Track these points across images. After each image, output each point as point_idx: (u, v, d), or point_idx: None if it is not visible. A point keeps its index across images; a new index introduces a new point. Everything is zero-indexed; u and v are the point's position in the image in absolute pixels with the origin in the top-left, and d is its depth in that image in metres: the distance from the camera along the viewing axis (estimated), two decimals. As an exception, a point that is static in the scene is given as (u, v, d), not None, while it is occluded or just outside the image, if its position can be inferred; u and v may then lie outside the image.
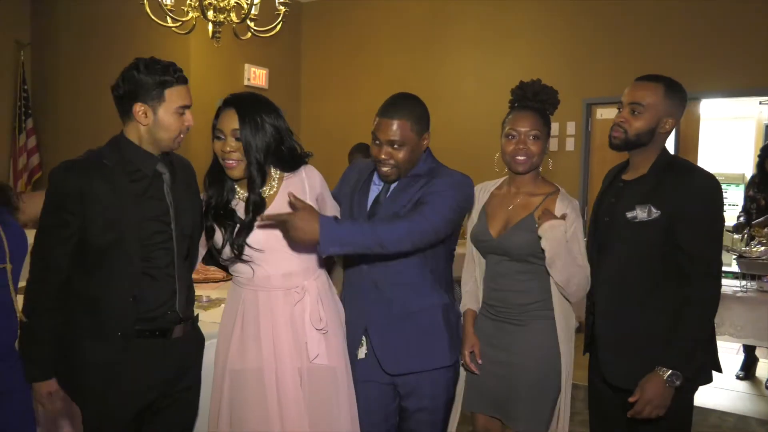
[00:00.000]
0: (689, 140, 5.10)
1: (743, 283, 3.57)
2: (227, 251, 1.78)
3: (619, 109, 1.94)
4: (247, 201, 1.76)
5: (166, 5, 4.11)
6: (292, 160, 1.82)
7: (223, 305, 2.29)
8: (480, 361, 2.00)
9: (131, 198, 1.65)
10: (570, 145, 5.34)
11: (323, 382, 1.80)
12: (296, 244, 1.71)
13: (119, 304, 1.63)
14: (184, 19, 4.15)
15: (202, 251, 1.91)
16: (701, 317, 1.79)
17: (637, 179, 1.92)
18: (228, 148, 1.73)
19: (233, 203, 1.80)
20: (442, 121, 5.93)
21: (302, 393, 1.75)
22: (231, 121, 1.73)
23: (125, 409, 1.68)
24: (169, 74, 1.68)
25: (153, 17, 4.13)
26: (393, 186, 1.93)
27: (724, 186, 4.89)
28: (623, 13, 5.09)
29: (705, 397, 3.97)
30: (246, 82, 6.01)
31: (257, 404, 1.74)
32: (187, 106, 1.71)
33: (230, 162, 1.74)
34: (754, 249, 3.64)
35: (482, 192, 2.13)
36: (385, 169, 1.86)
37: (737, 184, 7.48)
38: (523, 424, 1.93)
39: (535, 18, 5.50)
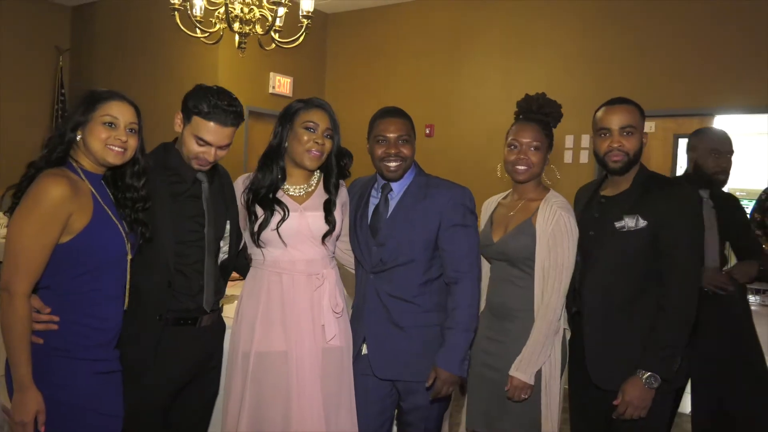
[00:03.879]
0: (703, 155, 5.12)
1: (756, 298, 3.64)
2: (266, 234, 1.96)
3: (602, 135, 2.03)
4: (328, 183, 2.06)
5: (195, 17, 4.33)
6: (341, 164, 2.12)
7: (236, 302, 2.46)
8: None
9: (169, 197, 1.86)
10: (584, 157, 5.42)
11: (334, 362, 1.99)
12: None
13: (157, 290, 1.82)
14: (211, 30, 4.36)
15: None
16: (678, 322, 1.89)
17: (621, 194, 2.03)
18: (320, 141, 1.99)
19: (278, 194, 2.01)
20: (463, 129, 6.10)
21: (317, 372, 1.94)
22: (325, 121, 2.01)
23: (163, 387, 1.86)
24: (208, 106, 1.83)
25: (183, 28, 4.35)
26: (392, 200, 2.06)
27: (745, 202, 4.89)
28: (643, 29, 5.16)
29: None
30: (271, 90, 6.22)
31: (281, 384, 1.92)
32: (205, 141, 1.85)
33: (317, 154, 1.99)
34: None
35: (490, 204, 2.26)
36: (394, 164, 2.01)
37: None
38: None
39: (557, 30, 5.59)
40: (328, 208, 2.02)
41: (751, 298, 3.72)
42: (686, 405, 4.06)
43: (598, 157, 2.05)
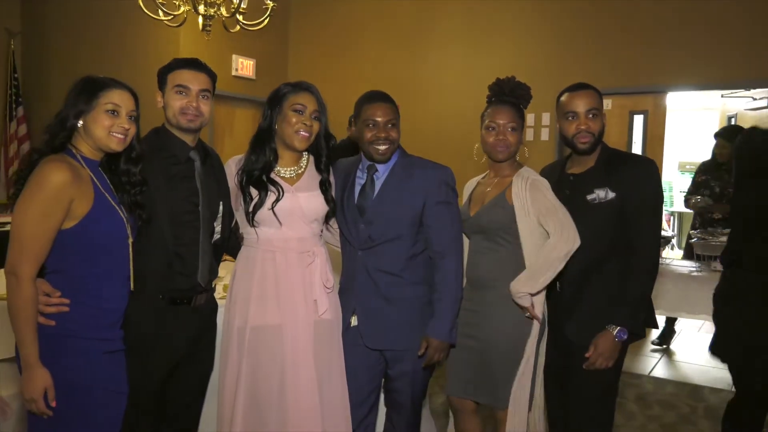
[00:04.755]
0: (656, 130, 5.37)
1: (696, 264, 3.87)
2: (261, 213, 2.03)
3: (569, 118, 2.16)
4: (319, 163, 2.15)
5: (158, -1, 4.28)
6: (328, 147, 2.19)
7: (222, 283, 2.53)
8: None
9: (164, 180, 1.92)
10: (545, 134, 5.58)
11: (326, 334, 2.10)
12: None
13: (157, 271, 1.90)
14: (176, 12, 4.32)
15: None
16: (645, 282, 2.10)
17: (589, 171, 2.18)
18: (308, 123, 2.07)
19: (271, 175, 2.08)
20: (426, 113, 6.18)
21: (310, 344, 2.03)
22: (312, 103, 2.09)
23: (161, 364, 1.95)
24: (174, 62, 2.00)
25: (146, 10, 4.30)
26: (378, 180, 2.15)
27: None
28: (596, 11, 5.33)
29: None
30: (234, 73, 6.17)
31: (276, 355, 2.01)
32: (184, 87, 1.97)
33: (306, 134, 2.07)
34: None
35: (471, 184, 2.37)
36: (383, 147, 2.11)
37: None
38: (489, 397, 2.16)
39: (515, 13, 5.72)
40: (325, 188, 2.11)
41: (691, 265, 3.96)
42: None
43: (566, 139, 2.19)
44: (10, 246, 1.60)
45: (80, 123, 1.68)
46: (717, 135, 4.52)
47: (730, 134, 4.36)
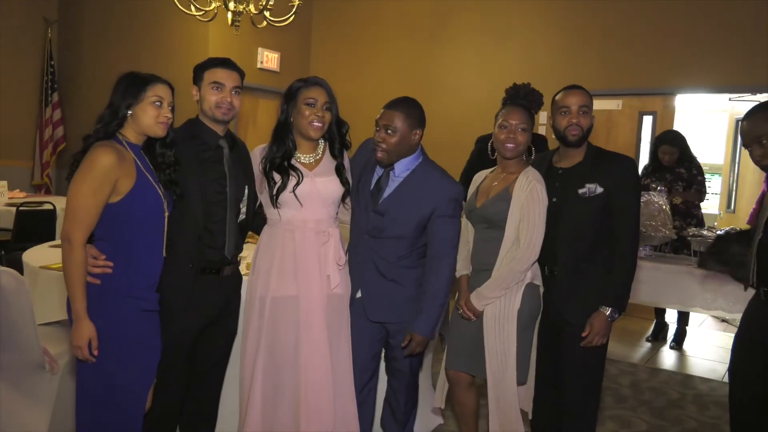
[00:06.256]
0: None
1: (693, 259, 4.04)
2: (284, 196, 2.27)
3: (562, 113, 2.37)
4: (333, 149, 2.37)
5: (190, -5, 4.54)
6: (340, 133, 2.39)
7: (246, 261, 2.78)
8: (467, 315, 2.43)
9: (197, 164, 2.19)
10: (556, 132, 5.77)
11: (336, 306, 2.33)
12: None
13: (189, 243, 2.16)
14: (207, 8, 4.59)
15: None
16: (629, 268, 2.33)
17: (576, 166, 2.40)
18: (320, 114, 2.28)
19: (292, 162, 2.32)
20: (443, 108, 6.39)
21: (323, 314, 2.27)
22: (323, 96, 2.31)
23: (193, 325, 2.20)
24: (209, 61, 2.25)
25: (179, 6, 4.57)
26: (393, 180, 2.35)
27: (708, 176, 5.37)
28: (608, 14, 5.51)
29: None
30: (259, 65, 6.42)
31: (292, 323, 2.26)
32: (219, 83, 2.21)
33: (319, 125, 2.29)
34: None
35: (480, 176, 2.58)
36: (379, 154, 2.31)
37: (719, 174, 7.92)
38: (483, 371, 2.36)
39: (531, 15, 5.93)
40: (340, 171, 2.35)
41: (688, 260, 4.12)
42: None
43: (558, 132, 2.41)
44: (66, 217, 1.88)
45: (129, 113, 1.95)
46: (662, 141, 4.55)
47: (673, 139, 4.49)
